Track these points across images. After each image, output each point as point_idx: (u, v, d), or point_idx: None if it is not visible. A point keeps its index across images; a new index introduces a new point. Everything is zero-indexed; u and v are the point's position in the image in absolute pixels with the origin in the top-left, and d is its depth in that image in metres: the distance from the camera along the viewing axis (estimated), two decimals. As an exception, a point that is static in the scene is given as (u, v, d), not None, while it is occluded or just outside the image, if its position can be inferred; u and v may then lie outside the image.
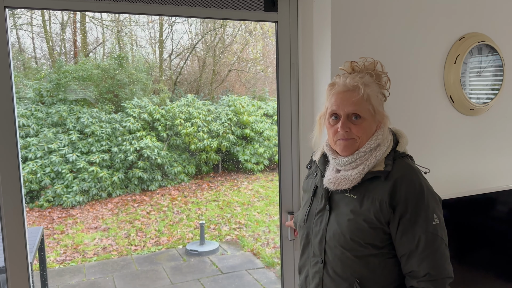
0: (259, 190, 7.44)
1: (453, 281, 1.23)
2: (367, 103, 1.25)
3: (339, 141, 1.29)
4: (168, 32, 8.54)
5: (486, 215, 1.92)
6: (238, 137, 7.77)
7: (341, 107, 1.26)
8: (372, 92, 1.26)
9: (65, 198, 6.38)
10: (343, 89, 1.27)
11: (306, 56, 1.82)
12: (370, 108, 1.26)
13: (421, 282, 1.20)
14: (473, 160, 2.07)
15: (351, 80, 1.26)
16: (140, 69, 7.83)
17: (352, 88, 1.25)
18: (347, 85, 1.26)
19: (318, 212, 1.35)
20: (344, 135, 1.26)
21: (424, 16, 1.85)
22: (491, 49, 1.98)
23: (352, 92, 1.25)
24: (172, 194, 7.07)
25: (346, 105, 1.25)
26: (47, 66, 7.72)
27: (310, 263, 1.37)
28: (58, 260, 5.38)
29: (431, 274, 1.19)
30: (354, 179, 1.26)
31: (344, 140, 1.27)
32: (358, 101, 1.24)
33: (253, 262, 5.40)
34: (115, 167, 6.83)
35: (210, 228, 6.30)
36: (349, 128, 1.26)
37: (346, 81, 1.27)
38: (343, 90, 1.26)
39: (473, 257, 1.88)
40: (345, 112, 1.26)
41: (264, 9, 1.76)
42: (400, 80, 1.84)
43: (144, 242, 5.87)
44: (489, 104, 2.01)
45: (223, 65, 9.01)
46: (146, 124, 7.28)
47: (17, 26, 7.36)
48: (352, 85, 1.25)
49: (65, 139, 6.65)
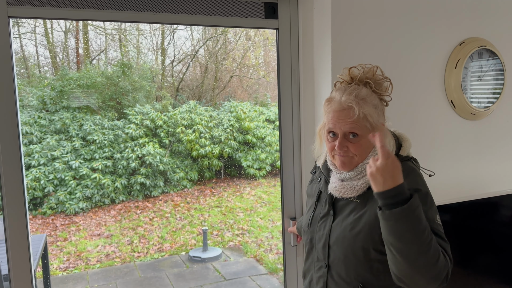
0: (261, 195, 7.43)
1: (456, 285, 1.23)
2: (363, 120, 1.23)
3: (337, 157, 1.28)
4: (170, 38, 8.60)
5: (489, 220, 1.92)
6: (240, 143, 7.78)
7: (337, 126, 1.24)
8: (368, 109, 1.23)
9: (68, 205, 6.39)
10: (339, 108, 1.24)
11: (307, 62, 1.83)
12: (367, 125, 1.24)
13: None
14: (475, 164, 2.07)
15: (346, 98, 1.23)
16: (143, 76, 7.87)
17: (347, 108, 1.23)
18: (342, 104, 1.23)
19: (322, 217, 1.35)
20: (341, 153, 1.26)
21: (424, 22, 1.86)
22: (492, 53, 1.99)
23: (348, 111, 1.23)
24: (175, 201, 7.07)
25: (343, 124, 1.23)
26: (50, 74, 7.76)
27: (314, 268, 1.37)
28: (61, 267, 5.38)
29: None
30: (360, 188, 1.26)
31: (341, 156, 1.27)
32: (354, 120, 1.22)
33: (256, 268, 5.38)
34: (118, 173, 6.85)
35: (213, 234, 6.29)
36: (347, 147, 1.25)
37: (341, 99, 1.24)
38: (339, 109, 1.24)
39: (476, 262, 1.87)
40: (342, 131, 1.24)
41: (265, 16, 1.77)
42: (401, 86, 1.84)
43: (147, 248, 5.86)
44: (491, 108, 2.01)
45: (225, 71, 9.04)
46: (149, 131, 7.30)
47: (21, 35, 7.42)
48: (347, 104, 1.22)
49: (68, 146, 6.67)
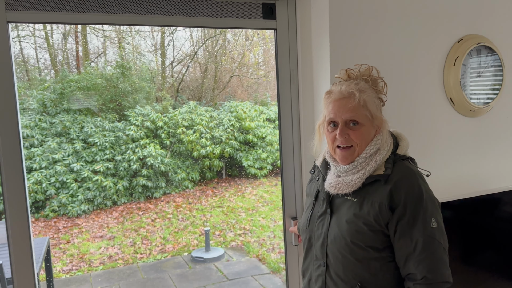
0: (263, 195, 7.44)
1: (459, 282, 1.23)
2: (363, 108, 1.26)
3: (338, 150, 1.30)
4: (169, 39, 8.60)
5: (490, 216, 1.92)
6: (241, 142, 7.78)
7: (338, 114, 1.27)
8: (368, 97, 1.27)
9: (70, 208, 6.40)
10: (339, 96, 1.28)
11: (305, 62, 1.84)
12: (367, 113, 1.27)
13: (418, 285, 1.21)
14: (476, 161, 2.07)
15: (347, 87, 1.27)
16: (142, 77, 7.88)
17: (348, 95, 1.27)
18: (343, 92, 1.27)
19: (320, 216, 1.36)
20: (343, 141, 1.27)
21: (421, 20, 1.86)
22: (490, 50, 1.99)
23: (348, 99, 1.26)
24: (177, 201, 7.08)
25: (343, 112, 1.27)
26: (50, 77, 7.77)
27: (313, 267, 1.38)
28: (64, 270, 5.39)
29: (427, 278, 1.20)
30: (355, 184, 1.27)
31: (342, 150, 1.29)
32: (355, 107, 1.26)
33: (259, 267, 5.38)
34: (119, 175, 6.85)
35: (215, 234, 6.30)
36: (348, 134, 1.27)
37: (341, 88, 1.28)
38: (339, 97, 1.28)
39: (477, 258, 1.87)
40: (342, 119, 1.27)
41: (263, 17, 1.78)
42: (400, 84, 1.85)
43: (150, 250, 5.87)
44: (490, 104, 2.02)
45: (225, 71, 9.05)
46: (150, 132, 7.30)
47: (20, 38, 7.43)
48: (348, 92, 1.27)
49: (69, 148, 6.68)
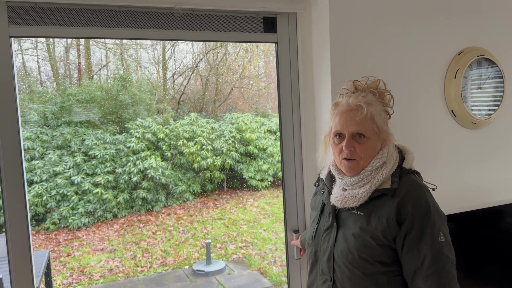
0: (264, 207, 7.40)
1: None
2: (370, 122, 1.26)
3: (344, 162, 1.29)
4: (171, 52, 8.66)
5: (493, 228, 1.91)
6: (242, 154, 7.77)
7: (345, 127, 1.27)
8: (375, 110, 1.27)
9: (71, 220, 6.37)
10: (347, 108, 1.27)
11: (306, 75, 1.84)
12: (374, 127, 1.26)
13: None
14: (478, 173, 2.06)
15: (354, 99, 1.27)
16: (143, 89, 7.91)
17: (355, 108, 1.26)
18: (350, 105, 1.27)
19: (326, 230, 1.35)
20: (348, 154, 1.27)
21: (422, 33, 1.87)
22: (490, 62, 1.99)
23: (356, 112, 1.26)
24: (178, 213, 7.05)
25: (350, 125, 1.26)
26: (52, 89, 7.81)
27: (319, 281, 1.36)
28: (64, 283, 5.34)
29: None
30: (361, 197, 1.26)
31: (348, 161, 1.28)
32: (362, 120, 1.25)
33: (261, 281, 5.33)
34: (120, 188, 6.84)
35: (216, 247, 6.25)
36: (354, 147, 1.26)
37: (349, 100, 1.28)
38: (347, 109, 1.27)
39: (481, 271, 1.85)
40: (349, 132, 1.26)
41: (264, 31, 1.79)
42: (401, 97, 1.85)
43: (151, 263, 5.83)
44: (491, 116, 2.01)
45: (226, 83, 9.09)
46: (151, 144, 7.31)
47: (23, 51, 7.49)
48: (355, 104, 1.26)
49: (70, 161, 6.68)
